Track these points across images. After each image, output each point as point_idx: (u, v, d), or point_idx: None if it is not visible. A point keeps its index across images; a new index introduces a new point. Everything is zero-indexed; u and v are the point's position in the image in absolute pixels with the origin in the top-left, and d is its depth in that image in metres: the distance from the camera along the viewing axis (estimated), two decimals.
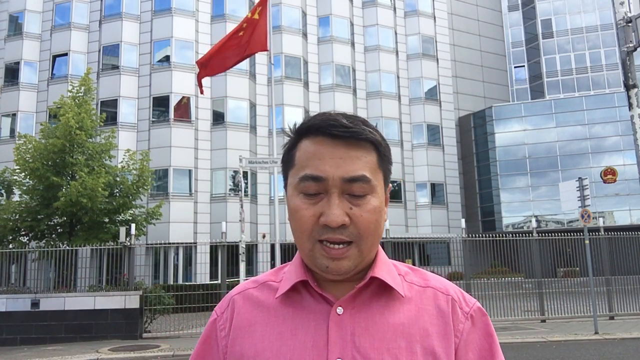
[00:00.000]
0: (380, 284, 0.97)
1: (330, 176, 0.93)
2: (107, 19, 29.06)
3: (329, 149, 0.95)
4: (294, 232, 0.99)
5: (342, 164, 0.94)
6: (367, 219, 0.94)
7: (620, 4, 5.35)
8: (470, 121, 38.97)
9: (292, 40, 30.92)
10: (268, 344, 0.95)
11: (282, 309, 0.99)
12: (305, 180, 0.95)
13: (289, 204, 0.98)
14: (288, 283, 1.00)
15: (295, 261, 1.04)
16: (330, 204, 0.92)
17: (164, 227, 24.69)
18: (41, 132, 18.41)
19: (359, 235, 0.93)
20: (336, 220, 0.91)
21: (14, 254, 15.19)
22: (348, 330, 0.93)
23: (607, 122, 35.79)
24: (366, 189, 0.95)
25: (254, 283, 1.07)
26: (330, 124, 0.95)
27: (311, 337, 0.94)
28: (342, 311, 0.95)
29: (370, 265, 0.99)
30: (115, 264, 13.94)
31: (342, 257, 0.93)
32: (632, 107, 5.23)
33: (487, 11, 43.78)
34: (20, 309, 12.71)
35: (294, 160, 0.99)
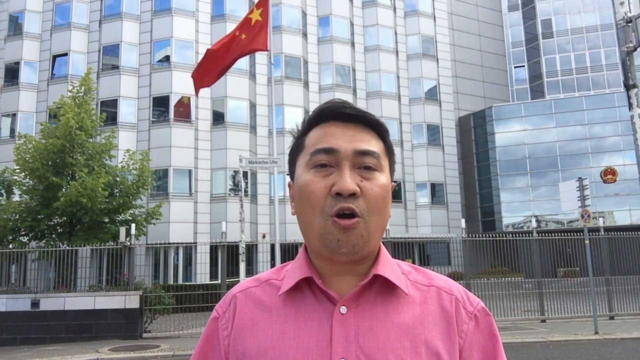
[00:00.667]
0: (384, 282, 0.96)
1: (342, 148, 0.95)
2: (107, 19, 29.06)
3: (341, 129, 0.97)
4: (302, 212, 0.97)
5: (354, 139, 0.96)
6: (377, 193, 0.94)
7: (620, 4, 5.35)
8: (470, 121, 38.97)
9: (292, 40, 30.92)
10: (271, 343, 0.93)
11: (284, 307, 0.97)
12: (317, 154, 0.96)
13: (299, 182, 0.97)
14: (291, 280, 0.98)
15: (299, 258, 1.03)
16: (342, 174, 0.93)
17: (164, 227, 24.69)
18: (41, 132, 18.41)
19: (367, 210, 0.93)
20: (348, 187, 0.91)
21: (14, 254, 15.19)
22: (352, 330, 0.92)
23: (607, 122, 35.80)
24: (376, 164, 0.96)
25: (255, 281, 1.06)
26: (341, 105, 0.98)
27: (314, 336, 0.92)
28: (345, 310, 0.93)
29: (373, 261, 0.98)
30: (115, 264, 13.94)
31: (351, 227, 0.91)
32: (632, 107, 5.23)
33: (487, 11, 43.79)
34: (20, 309, 12.71)
35: (304, 145, 1.01)
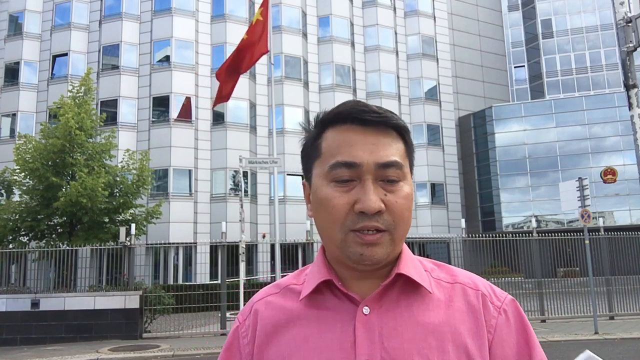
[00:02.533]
0: (407, 280, 0.94)
1: (364, 162, 0.90)
2: (107, 19, 29.05)
3: (360, 136, 0.92)
4: (322, 224, 0.94)
5: (375, 149, 0.92)
6: (402, 205, 0.91)
7: (620, 4, 5.35)
8: (470, 121, 38.98)
9: (292, 40, 30.92)
10: (295, 348, 0.92)
11: (306, 312, 0.96)
12: (337, 168, 0.91)
13: (318, 194, 0.94)
14: (311, 285, 0.97)
15: (318, 261, 1.01)
16: (366, 190, 0.89)
17: (164, 227, 24.68)
18: (41, 132, 18.41)
19: (393, 224, 0.90)
20: (373, 207, 0.88)
21: (14, 254, 15.19)
22: (376, 331, 0.90)
23: (607, 122, 35.80)
24: (399, 175, 0.93)
25: (276, 288, 1.05)
26: (361, 110, 0.93)
27: (338, 339, 0.90)
28: (368, 311, 0.91)
29: (395, 260, 0.96)
30: (115, 264, 13.94)
31: (376, 242, 0.89)
32: (632, 107, 5.23)
33: (487, 11, 43.79)
34: (20, 309, 12.71)
35: (320, 150, 0.96)
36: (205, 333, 13.17)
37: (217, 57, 28.75)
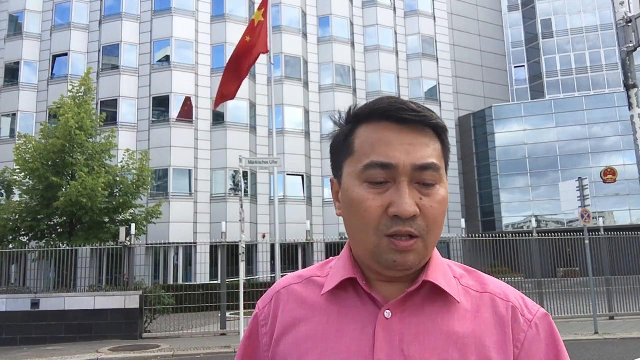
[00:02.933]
0: (434, 287, 0.90)
1: (400, 163, 0.86)
2: (107, 19, 29.06)
3: (396, 135, 0.88)
4: (354, 226, 0.90)
5: (412, 150, 0.87)
6: (437, 210, 0.88)
7: (620, 4, 5.35)
8: (470, 121, 38.98)
9: (292, 40, 30.92)
10: (312, 345, 0.89)
11: (327, 307, 0.92)
12: (371, 168, 0.87)
13: (350, 195, 0.89)
14: (335, 280, 0.93)
15: (344, 256, 0.97)
16: (401, 193, 0.85)
17: (164, 227, 24.69)
18: (41, 132, 18.41)
19: (427, 229, 0.87)
20: (409, 211, 0.84)
21: (14, 254, 15.19)
22: (396, 336, 0.86)
23: (607, 122, 35.80)
24: (436, 178, 0.88)
25: (298, 278, 1.01)
26: (398, 108, 0.88)
27: (356, 340, 0.87)
28: (390, 315, 0.88)
29: (424, 265, 0.92)
30: (115, 264, 13.95)
31: (409, 249, 0.86)
32: (632, 107, 5.23)
33: (487, 11, 43.79)
34: (20, 309, 12.71)
35: (353, 148, 0.91)
36: (205, 333, 13.17)
37: (217, 57, 28.75)
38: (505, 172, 36.78)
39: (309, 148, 30.27)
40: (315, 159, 30.35)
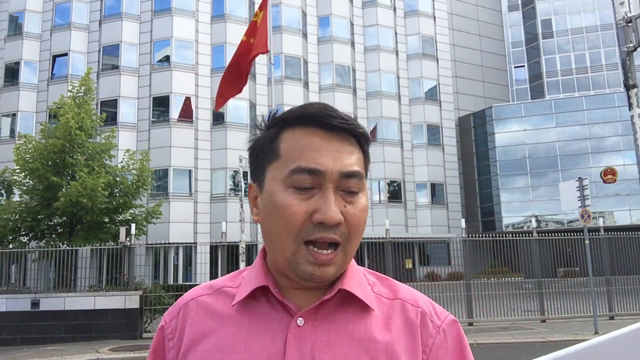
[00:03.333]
0: (347, 294, 0.89)
1: (328, 169, 0.85)
2: (107, 19, 29.06)
3: (325, 141, 0.87)
4: (273, 232, 0.88)
5: (339, 157, 0.87)
6: (360, 217, 0.88)
7: (620, 4, 5.35)
8: (470, 121, 38.98)
9: (292, 40, 30.92)
10: (220, 357, 0.86)
11: (238, 318, 0.90)
12: (298, 173, 0.85)
13: (273, 200, 0.87)
14: (246, 289, 0.91)
15: (256, 265, 0.95)
16: (327, 199, 0.84)
17: (164, 227, 24.69)
18: (41, 132, 18.41)
19: (348, 236, 0.87)
20: (334, 218, 0.84)
21: (14, 254, 15.19)
22: (308, 344, 0.85)
23: (607, 122, 35.81)
24: (360, 186, 0.89)
25: (208, 289, 0.97)
26: (328, 114, 0.88)
27: (267, 349, 0.85)
28: (302, 322, 0.86)
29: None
30: (115, 264, 13.94)
31: (329, 263, 0.85)
32: (632, 107, 5.23)
33: (487, 11, 43.79)
34: (20, 309, 12.71)
35: (278, 152, 0.89)
36: None
37: (217, 57, 28.77)
38: (505, 172, 36.79)
39: None
40: None
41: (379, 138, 32.62)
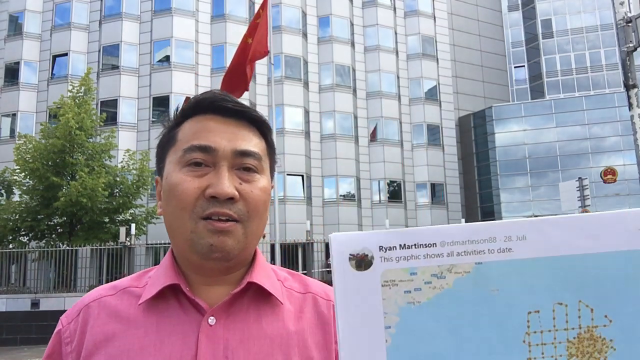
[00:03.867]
0: (258, 290, 0.89)
1: (220, 147, 0.86)
2: (107, 19, 29.06)
3: (220, 125, 0.89)
4: (170, 213, 0.88)
5: (234, 138, 0.88)
6: (258, 196, 0.87)
7: (620, 4, 5.35)
8: (470, 121, 38.99)
9: (292, 40, 30.92)
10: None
11: (145, 319, 0.86)
12: (191, 151, 0.86)
13: (168, 181, 0.88)
14: (154, 288, 0.87)
15: (164, 263, 0.93)
16: (219, 175, 0.85)
17: (164, 227, 24.47)
18: (41, 132, 18.43)
19: (247, 214, 0.86)
20: (226, 191, 0.83)
21: (14, 254, 15.20)
22: (220, 343, 0.83)
23: (607, 122, 35.82)
24: (257, 166, 0.89)
25: (112, 289, 0.93)
26: (222, 98, 0.89)
27: (178, 352, 0.82)
28: (214, 321, 0.84)
29: (247, 268, 0.92)
30: (115, 264, 13.95)
31: (227, 230, 0.84)
32: (632, 107, 5.23)
33: (487, 11, 43.80)
34: (20, 309, 12.72)
35: (176, 138, 0.91)
36: None
37: (217, 57, 28.77)
38: (505, 172, 36.79)
39: (309, 148, 30.28)
40: (315, 159, 30.36)
41: (379, 138, 32.63)
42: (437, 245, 0.62)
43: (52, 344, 0.95)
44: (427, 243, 0.63)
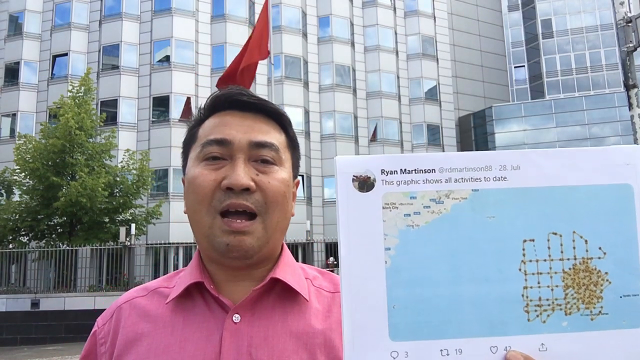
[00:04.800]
0: (284, 287, 0.88)
1: (236, 139, 0.87)
2: (107, 19, 29.06)
3: (237, 119, 0.90)
4: (190, 208, 0.88)
5: (250, 130, 0.89)
6: (276, 187, 0.87)
7: (620, 4, 5.35)
8: (470, 121, 38.99)
9: (292, 40, 30.92)
10: (154, 359, 0.84)
11: (171, 318, 0.87)
12: (208, 145, 0.87)
13: (189, 176, 0.89)
14: (180, 287, 0.89)
15: (192, 262, 0.94)
16: (235, 166, 0.85)
17: (164, 227, 24.69)
18: (41, 132, 18.43)
19: (265, 206, 0.85)
20: (241, 182, 0.83)
21: (14, 254, 15.21)
22: (244, 341, 0.83)
23: (607, 122, 35.81)
24: (275, 158, 0.89)
25: (143, 290, 0.95)
26: (239, 92, 0.91)
27: (202, 349, 0.83)
28: (239, 319, 0.84)
29: (273, 264, 0.91)
30: (115, 264, 13.96)
31: (244, 230, 0.84)
32: (632, 107, 5.24)
33: (487, 11, 43.79)
34: (20, 309, 12.72)
35: (197, 136, 0.92)
36: None
37: (217, 57, 28.77)
38: None
39: (309, 148, 30.28)
40: (315, 159, 30.36)
41: (379, 138, 32.64)
42: (436, 171, 0.64)
43: (88, 345, 0.96)
44: (427, 169, 0.64)
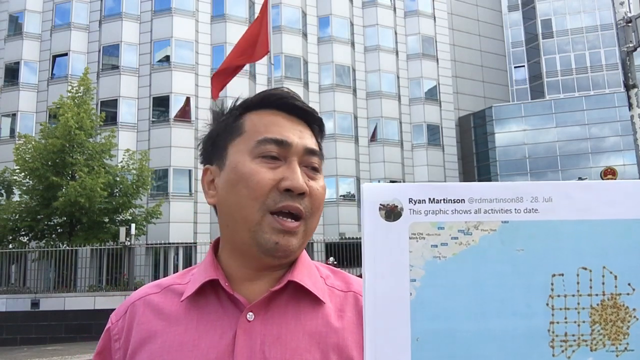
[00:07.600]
0: (299, 287, 0.88)
1: (294, 143, 0.88)
2: (107, 19, 29.06)
3: (287, 121, 0.91)
4: (236, 205, 0.87)
5: (302, 135, 0.90)
6: (321, 194, 0.90)
7: (620, 4, 5.35)
8: (470, 121, 38.99)
9: (292, 40, 30.92)
10: (167, 358, 0.84)
11: (185, 315, 0.88)
12: (266, 143, 0.87)
13: (239, 170, 0.87)
14: (194, 285, 0.89)
15: (205, 259, 0.94)
16: (294, 169, 0.86)
17: (164, 227, 24.69)
18: (41, 132, 18.44)
19: (311, 211, 0.88)
20: (302, 185, 0.85)
21: (14, 254, 15.21)
22: (258, 339, 0.83)
23: (607, 122, 35.82)
24: (319, 166, 0.92)
25: (156, 287, 0.96)
26: (292, 97, 0.92)
27: (215, 347, 0.83)
28: (253, 317, 0.85)
29: (290, 265, 0.91)
30: (115, 264, 13.96)
31: (294, 231, 0.86)
32: (632, 107, 5.23)
33: (487, 11, 43.79)
34: (20, 309, 12.72)
35: (242, 129, 0.91)
36: None
37: (217, 57, 28.75)
38: (505, 172, 36.79)
39: None
40: None
41: (379, 138, 32.64)
42: (465, 202, 0.62)
43: (102, 341, 0.97)
44: (456, 199, 0.62)
